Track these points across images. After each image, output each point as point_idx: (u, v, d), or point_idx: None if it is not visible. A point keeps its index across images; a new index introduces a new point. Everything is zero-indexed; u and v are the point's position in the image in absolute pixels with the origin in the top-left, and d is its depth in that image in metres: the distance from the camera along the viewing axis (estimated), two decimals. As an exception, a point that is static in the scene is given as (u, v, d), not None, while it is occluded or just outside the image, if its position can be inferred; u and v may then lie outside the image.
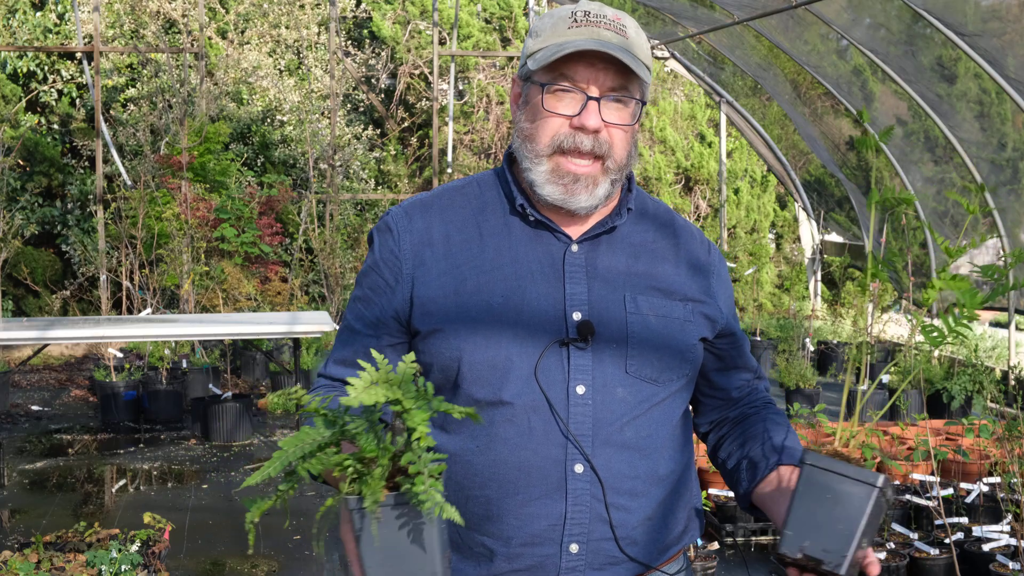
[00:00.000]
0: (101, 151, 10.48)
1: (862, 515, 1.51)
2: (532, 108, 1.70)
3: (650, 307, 1.73)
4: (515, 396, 1.66)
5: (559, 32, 1.67)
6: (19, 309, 11.32)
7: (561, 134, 1.67)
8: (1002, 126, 7.97)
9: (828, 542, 1.51)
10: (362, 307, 1.77)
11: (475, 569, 1.71)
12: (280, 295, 10.11)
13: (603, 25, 1.66)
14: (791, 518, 1.54)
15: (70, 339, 7.71)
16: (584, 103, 1.65)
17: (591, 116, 1.65)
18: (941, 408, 7.53)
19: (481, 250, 1.72)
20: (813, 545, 1.52)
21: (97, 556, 4.03)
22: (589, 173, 1.68)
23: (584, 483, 1.66)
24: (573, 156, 1.67)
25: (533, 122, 1.69)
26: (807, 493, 1.54)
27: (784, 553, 1.54)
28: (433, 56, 11.37)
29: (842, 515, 1.51)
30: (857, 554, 1.52)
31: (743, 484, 1.78)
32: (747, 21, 8.84)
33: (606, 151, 1.67)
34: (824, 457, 1.55)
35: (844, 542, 1.51)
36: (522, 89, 1.74)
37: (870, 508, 1.51)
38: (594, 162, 1.68)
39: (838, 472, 1.53)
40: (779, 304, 13.18)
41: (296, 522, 5.59)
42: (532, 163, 1.70)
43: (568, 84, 1.66)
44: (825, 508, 1.52)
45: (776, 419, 1.83)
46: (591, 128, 1.65)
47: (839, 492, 1.52)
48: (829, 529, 1.52)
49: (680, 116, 13.79)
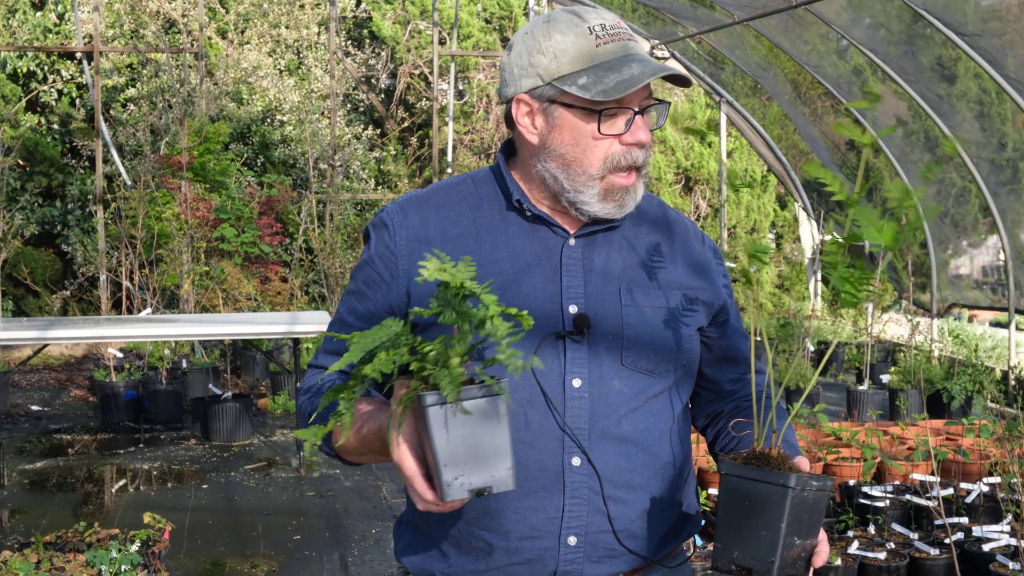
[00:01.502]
0: (101, 151, 10.48)
1: (781, 518, 1.50)
2: (574, 132, 1.67)
3: (645, 299, 1.74)
4: (511, 390, 1.66)
5: (589, 53, 1.65)
6: (19, 309, 11.32)
7: (614, 154, 1.67)
8: (1002, 126, 7.97)
9: (755, 550, 1.51)
10: (355, 300, 1.77)
11: (474, 563, 1.71)
12: (280, 295, 10.12)
13: (623, 37, 1.68)
14: (718, 530, 1.55)
15: (70, 339, 7.71)
16: (631, 119, 1.67)
17: (642, 131, 1.68)
18: (941, 408, 7.53)
19: (477, 245, 1.73)
20: (741, 555, 1.52)
21: (97, 556, 4.03)
22: (633, 184, 1.70)
23: (582, 476, 1.67)
24: (622, 172, 1.69)
25: (578, 145, 1.68)
26: (727, 503, 1.54)
27: (717, 566, 1.55)
28: (433, 56, 11.37)
29: (762, 521, 1.51)
30: (788, 556, 1.51)
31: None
32: (747, 21, 8.84)
33: (645, 161, 1.71)
34: (737, 465, 1.55)
35: (769, 548, 1.50)
36: (545, 112, 1.70)
37: (788, 509, 1.50)
38: (632, 173, 1.70)
39: (751, 478, 1.52)
40: (779, 304, 13.18)
41: (296, 522, 5.59)
42: (582, 186, 1.69)
43: (617, 105, 1.66)
44: (746, 516, 1.52)
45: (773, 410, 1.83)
46: (645, 143, 1.68)
47: (756, 498, 1.52)
48: (753, 537, 1.51)
49: (680, 116, 13.79)
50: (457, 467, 1.40)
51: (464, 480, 1.40)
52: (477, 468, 1.40)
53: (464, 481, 1.40)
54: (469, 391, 1.39)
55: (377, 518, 5.65)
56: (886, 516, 4.83)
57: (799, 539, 1.52)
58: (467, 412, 1.38)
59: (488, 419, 1.40)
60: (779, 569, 1.50)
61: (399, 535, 1.82)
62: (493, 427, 1.40)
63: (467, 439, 1.39)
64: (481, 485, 1.41)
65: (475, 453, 1.40)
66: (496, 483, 1.41)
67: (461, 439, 1.39)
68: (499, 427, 1.40)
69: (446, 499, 1.40)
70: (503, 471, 1.41)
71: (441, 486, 1.41)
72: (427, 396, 1.39)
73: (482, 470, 1.40)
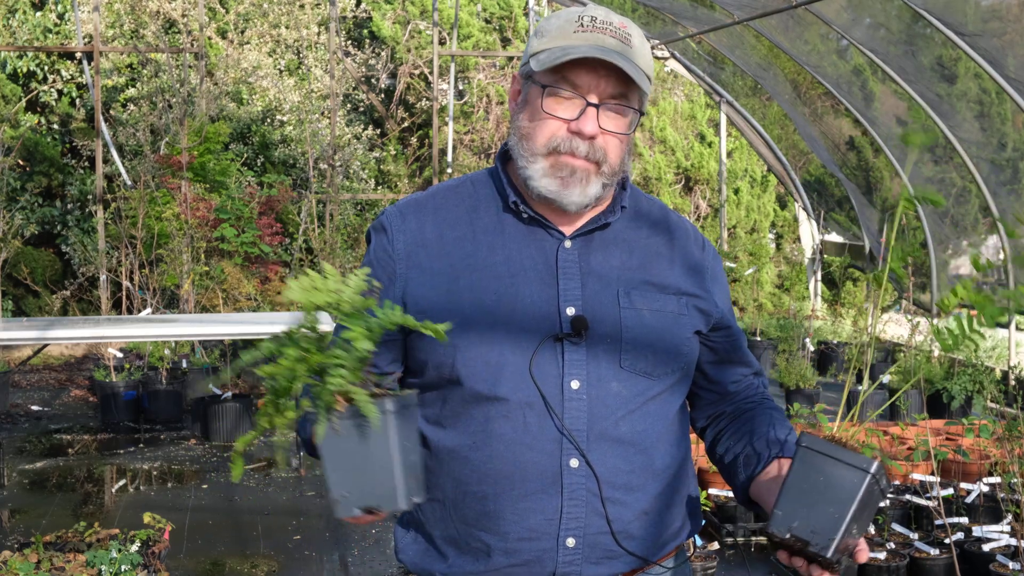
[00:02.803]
0: (101, 151, 10.48)
1: (853, 499, 1.51)
2: (531, 108, 1.71)
3: (644, 302, 1.74)
4: (510, 392, 1.67)
5: (565, 35, 1.68)
6: (19, 309, 11.32)
7: (558, 137, 1.68)
8: (1002, 126, 7.97)
9: (817, 524, 1.51)
10: None
11: (473, 564, 1.71)
12: (280, 295, 10.11)
13: (608, 32, 1.67)
14: (782, 497, 1.55)
15: (70, 339, 7.71)
16: (583, 109, 1.67)
17: (589, 122, 1.67)
18: (941, 408, 7.53)
19: (475, 248, 1.73)
20: (802, 526, 1.52)
21: (97, 556, 4.03)
22: (584, 168, 1.69)
23: (580, 478, 1.67)
24: (568, 157, 1.69)
25: (531, 121, 1.71)
26: (800, 474, 1.54)
27: (773, 532, 1.55)
28: (433, 56, 11.37)
29: (833, 498, 1.51)
30: (847, 540, 1.52)
31: (740, 477, 1.79)
32: (747, 21, 8.84)
33: (600, 157, 1.69)
34: (820, 440, 1.55)
35: (833, 525, 1.51)
36: (522, 87, 1.75)
37: (861, 493, 1.51)
38: (590, 163, 1.69)
39: (832, 456, 1.53)
40: (779, 304, 13.18)
41: (296, 522, 5.59)
42: (528, 161, 1.71)
43: (569, 88, 1.67)
44: (817, 490, 1.52)
45: (773, 414, 1.83)
46: (588, 134, 1.67)
47: (832, 475, 1.52)
48: (819, 511, 1.52)
49: (680, 116, 13.79)
50: (343, 485, 1.40)
51: (352, 499, 1.41)
52: (360, 487, 1.40)
53: (352, 499, 1.41)
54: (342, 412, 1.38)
55: (377, 518, 5.65)
56: (886, 516, 4.84)
57: (856, 528, 1.53)
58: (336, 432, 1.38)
59: (364, 439, 1.39)
60: (835, 550, 1.51)
61: (399, 535, 1.82)
62: (371, 447, 1.39)
63: (348, 458, 1.39)
64: (366, 504, 1.41)
65: (356, 472, 1.40)
66: (381, 502, 1.41)
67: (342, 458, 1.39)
68: (378, 446, 1.39)
69: (337, 515, 1.42)
70: (387, 490, 1.40)
71: (331, 502, 1.42)
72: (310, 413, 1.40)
73: (365, 489, 1.40)
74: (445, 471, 1.72)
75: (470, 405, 1.69)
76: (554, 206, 1.73)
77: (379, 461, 1.39)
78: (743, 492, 1.79)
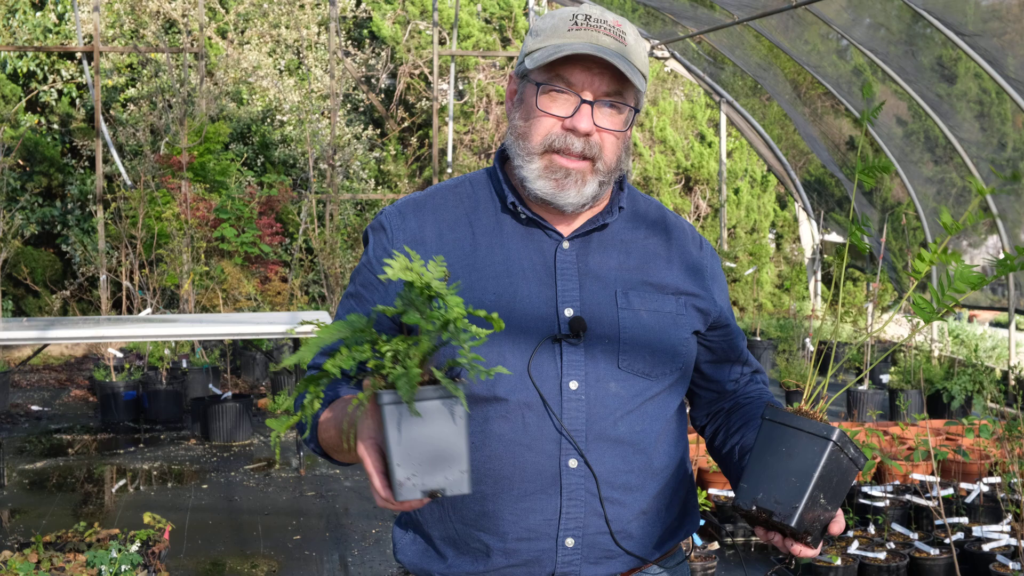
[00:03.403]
0: (101, 151, 10.48)
1: (815, 468, 1.51)
2: (526, 107, 1.72)
3: (642, 302, 1.74)
4: (509, 392, 1.67)
5: (559, 33, 1.68)
6: (19, 309, 11.32)
7: (553, 134, 1.68)
8: (1002, 126, 7.97)
9: (780, 494, 1.52)
10: (354, 303, 1.79)
11: (472, 564, 1.71)
12: (280, 295, 10.11)
13: (603, 30, 1.68)
14: (746, 471, 1.56)
15: (70, 339, 7.71)
16: (577, 106, 1.67)
17: (583, 119, 1.67)
18: (941, 408, 7.53)
19: (473, 248, 1.73)
20: (765, 497, 1.53)
21: (97, 556, 4.03)
22: (579, 169, 1.69)
23: (578, 478, 1.68)
24: (564, 155, 1.69)
25: (527, 120, 1.71)
26: (763, 446, 1.55)
27: (738, 504, 1.56)
28: (433, 56, 11.37)
29: (796, 468, 1.52)
30: (815, 512, 1.52)
31: (736, 468, 1.79)
32: (747, 21, 8.84)
33: (596, 154, 1.69)
34: (783, 412, 1.56)
35: (795, 494, 1.51)
36: (518, 87, 1.75)
37: (823, 460, 1.51)
38: (584, 161, 1.69)
39: (794, 426, 1.54)
40: (779, 304, 13.18)
41: (296, 522, 5.59)
42: (524, 160, 1.71)
43: (563, 86, 1.67)
44: (780, 461, 1.53)
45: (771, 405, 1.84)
46: (582, 131, 1.67)
47: (793, 445, 1.53)
48: (782, 481, 1.52)
49: (680, 116, 13.79)
50: (410, 467, 1.39)
51: (417, 480, 1.39)
52: (430, 469, 1.39)
53: (417, 482, 1.40)
54: (424, 392, 1.38)
55: (377, 518, 5.65)
56: (886, 516, 4.84)
57: (824, 499, 1.53)
58: (418, 414, 1.37)
59: (443, 421, 1.39)
60: (799, 519, 1.51)
61: (397, 535, 1.82)
62: (448, 429, 1.39)
63: (421, 440, 1.38)
64: (434, 487, 1.40)
65: (429, 454, 1.39)
66: (450, 486, 1.40)
67: (415, 439, 1.38)
68: (454, 430, 1.39)
69: (398, 498, 1.40)
70: (457, 474, 1.40)
71: (394, 485, 1.40)
72: (383, 394, 1.38)
73: (435, 472, 1.39)
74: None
75: (468, 405, 1.69)
76: (551, 207, 1.73)
77: (451, 445, 1.39)
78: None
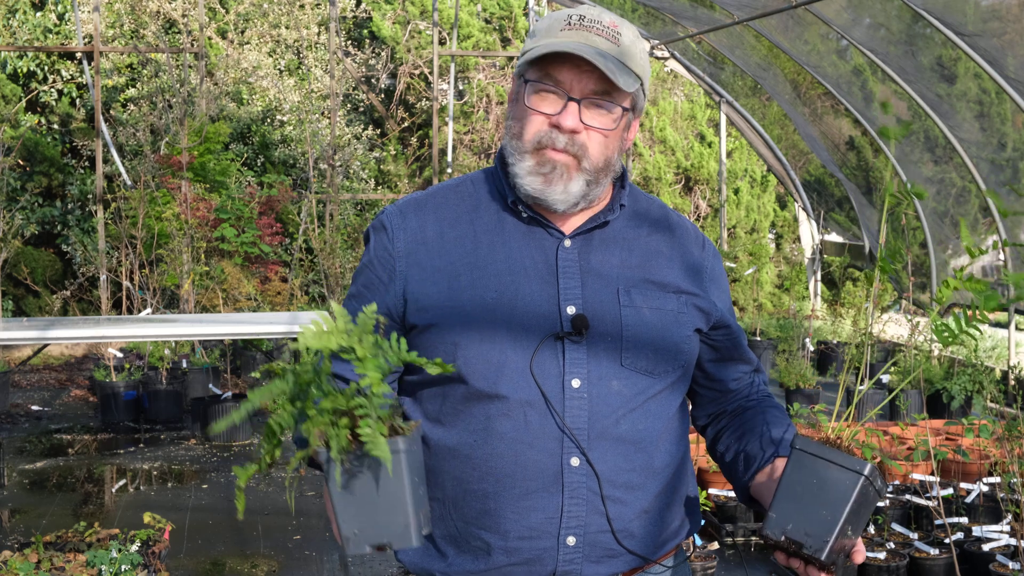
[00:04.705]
0: (101, 151, 10.48)
1: (846, 502, 1.51)
2: (519, 105, 1.74)
3: (644, 300, 1.74)
4: (511, 391, 1.67)
5: (552, 33, 1.70)
6: (19, 309, 11.32)
7: (541, 131, 1.70)
8: (1002, 126, 7.97)
9: (810, 526, 1.52)
10: (356, 303, 1.79)
11: (473, 563, 1.71)
12: (280, 295, 10.11)
13: (595, 30, 1.69)
14: (776, 500, 1.55)
15: (70, 339, 7.71)
16: (565, 104, 1.68)
17: (569, 117, 1.68)
18: (941, 408, 7.52)
19: (475, 247, 1.74)
20: (796, 528, 1.53)
21: (97, 556, 4.03)
22: (565, 163, 1.70)
23: (580, 476, 1.68)
24: (550, 151, 1.70)
25: (519, 119, 1.73)
26: (794, 477, 1.55)
27: (767, 535, 1.55)
28: (433, 56, 11.37)
29: (827, 501, 1.52)
30: (842, 541, 1.52)
31: (741, 476, 1.79)
32: (747, 21, 8.84)
33: (580, 152, 1.69)
34: (814, 442, 1.56)
35: (826, 528, 1.51)
36: (516, 87, 1.77)
37: (855, 495, 1.51)
38: (569, 155, 1.70)
39: (826, 458, 1.53)
40: (779, 304, 13.18)
41: (296, 522, 5.59)
42: (516, 159, 1.72)
43: (552, 84, 1.69)
44: (811, 493, 1.53)
45: (774, 412, 1.84)
46: (567, 128, 1.68)
47: (825, 478, 1.52)
48: (813, 514, 1.52)
49: (680, 116, 13.79)
50: (354, 523, 1.39)
51: (362, 536, 1.39)
52: (373, 524, 1.39)
53: (362, 537, 1.39)
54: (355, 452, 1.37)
55: (377, 518, 5.65)
56: (886, 516, 4.83)
57: (851, 530, 1.53)
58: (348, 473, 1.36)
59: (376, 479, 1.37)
60: (829, 552, 1.51)
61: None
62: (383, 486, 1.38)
63: (360, 495, 1.38)
64: (379, 542, 1.39)
65: (370, 509, 1.38)
66: (394, 540, 1.40)
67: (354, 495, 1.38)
68: (390, 485, 1.38)
69: (347, 552, 1.42)
70: (399, 528, 1.39)
71: (343, 539, 1.40)
72: (320, 452, 1.38)
73: (378, 526, 1.39)
74: (445, 469, 1.72)
75: (470, 403, 1.69)
76: (543, 206, 1.73)
77: (392, 500, 1.38)
78: (744, 491, 1.80)
